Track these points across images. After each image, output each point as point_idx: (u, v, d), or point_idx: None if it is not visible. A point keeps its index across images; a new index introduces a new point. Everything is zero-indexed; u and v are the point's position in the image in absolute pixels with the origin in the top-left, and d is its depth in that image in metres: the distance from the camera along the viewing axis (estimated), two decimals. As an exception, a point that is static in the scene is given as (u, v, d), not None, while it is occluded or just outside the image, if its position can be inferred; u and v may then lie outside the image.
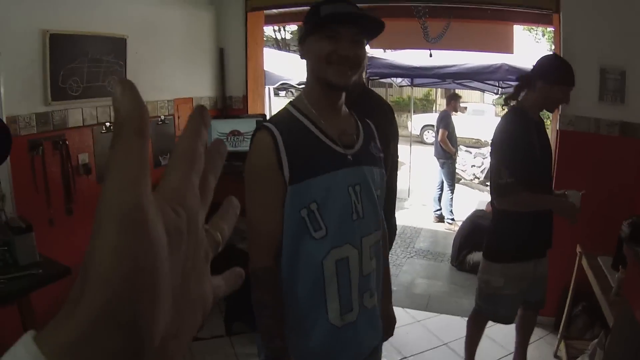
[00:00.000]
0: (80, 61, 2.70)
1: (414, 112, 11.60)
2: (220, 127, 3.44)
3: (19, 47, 2.38)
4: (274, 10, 4.08)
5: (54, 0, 2.52)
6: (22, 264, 2.06)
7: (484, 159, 8.32)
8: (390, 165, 1.91)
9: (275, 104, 6.79)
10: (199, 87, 3.66)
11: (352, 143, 1.29)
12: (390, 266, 1.66)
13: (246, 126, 3.49)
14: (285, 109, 1.31)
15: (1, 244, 2.08)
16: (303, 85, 1.42)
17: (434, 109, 16.32)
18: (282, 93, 10.80)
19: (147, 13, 3.11)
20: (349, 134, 1.29)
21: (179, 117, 3.42)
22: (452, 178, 5.84)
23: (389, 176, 1.58)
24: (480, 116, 12.44)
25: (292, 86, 7.48)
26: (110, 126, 2.90)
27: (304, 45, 1.25)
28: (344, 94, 1.28)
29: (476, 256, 3.93)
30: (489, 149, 2.47)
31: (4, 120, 2.22)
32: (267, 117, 3.61)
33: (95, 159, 2.84)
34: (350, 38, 1.18)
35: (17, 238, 2.07)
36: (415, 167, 7.68)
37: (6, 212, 2.31)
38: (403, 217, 5.58)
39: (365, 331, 1.30)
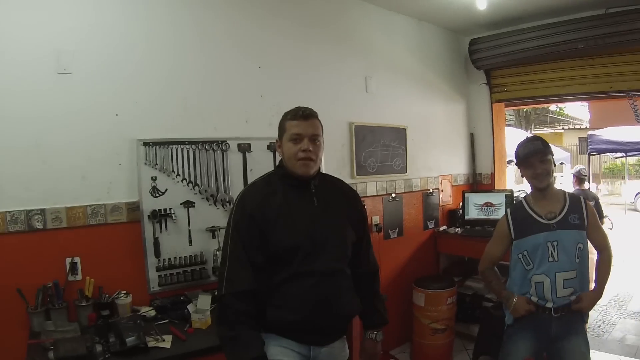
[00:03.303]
0: (375, 146, 3.60)
1: (628, 178, 11.84)
2: (476, 200, 3.95)
3: (334, 134, 3.30)
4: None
5: (358, 103, 3.48)
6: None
7: None
8: None
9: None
10: (456, 165, 4.33)
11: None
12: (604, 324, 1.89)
13: (496, 199, 3.92)
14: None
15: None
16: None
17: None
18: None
19: (420, 109, 3.97)
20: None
21: (442, 191, 4.10)
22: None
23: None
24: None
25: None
26: (395, 197, 3.70)
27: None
28: None
29: None
30: None
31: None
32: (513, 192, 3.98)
33: (384, 220, 3.63)
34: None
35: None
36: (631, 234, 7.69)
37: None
38: (619, 281, 5.79)
39: None
